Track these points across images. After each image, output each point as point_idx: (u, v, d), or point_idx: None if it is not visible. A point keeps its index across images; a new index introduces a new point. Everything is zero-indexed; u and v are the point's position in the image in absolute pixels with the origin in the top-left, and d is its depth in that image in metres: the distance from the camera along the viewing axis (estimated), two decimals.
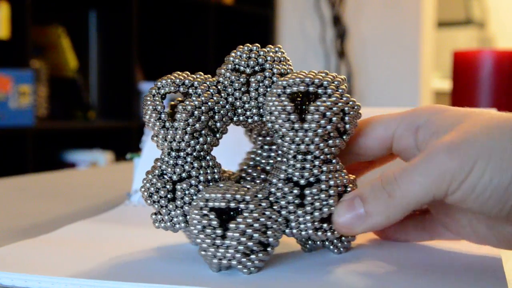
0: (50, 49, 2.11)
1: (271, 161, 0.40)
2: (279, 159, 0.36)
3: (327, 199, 0.34)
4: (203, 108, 0.35)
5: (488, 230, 0.35)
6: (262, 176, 0.39)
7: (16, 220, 0.49)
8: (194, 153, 0.36)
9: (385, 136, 0.37)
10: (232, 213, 0.34)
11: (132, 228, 0.45)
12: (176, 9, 2.47)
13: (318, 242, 0.37)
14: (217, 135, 0.37)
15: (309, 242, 0.37)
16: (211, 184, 0.36)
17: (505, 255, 0.37)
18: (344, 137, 0.35)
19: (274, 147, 0.40)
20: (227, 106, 0.36)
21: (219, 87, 0.36)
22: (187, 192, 0.35)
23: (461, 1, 3.56)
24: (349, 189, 0.35)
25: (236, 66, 0.36)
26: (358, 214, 0.33)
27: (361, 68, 2.63)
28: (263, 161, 0.40)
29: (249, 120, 0.37)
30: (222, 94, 0.36)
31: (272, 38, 2.69)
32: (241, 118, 0.37)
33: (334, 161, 0.35)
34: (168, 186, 0.36)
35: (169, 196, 0.36)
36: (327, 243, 0.37)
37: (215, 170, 0.37)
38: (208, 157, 0.37)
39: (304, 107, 0.34)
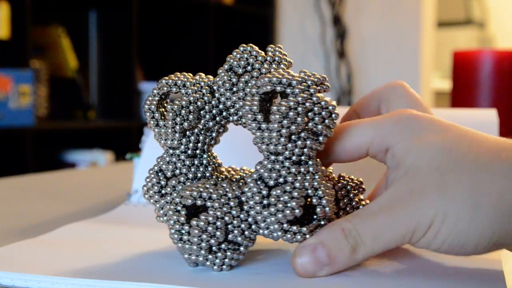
0: (50, 49, 2.11)
1: None
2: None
3: (289, 201, 0.33)
4: (191, 107, 0.36)
5: None
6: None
7: (16, 220, 0.49)
8: (189, 151, 0.37)
9: (361, 146, 0.35)
10: (201, 210, 0.34)
11: (132, 228, 0.45)
12: (176, 9, 2.47)
13: None
14: (213, 134, 0.37)
15: None
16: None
17: (505, 256, 0.37)
18: (321, 138, 0.34)
19: None
20: (220, 106, 0.37)
21: (215, 87, 0.37)
22: (175, 188, 0.37)
23: (461, 1, 3.56)
24: (320, 192, 0.33)
25: (231, 66, 0.37)
26: (321, 263, 0.33)
27: (361, 68, 2.63)
28: None
29: (243, 120, 0.37)
30: (216, 94, 0.37)
31: (272, 38, 2.68)
32: (235, 118, 0.37)
33: (310, 162, 0.34)
34: (162, 182, 0.37)
35: (162, 191, 0.37)
36: None
37: (209, 168, 0.37)
38: (205, 155, 0.37)
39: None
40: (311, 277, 0.33)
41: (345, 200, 0.37)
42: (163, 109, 0.38)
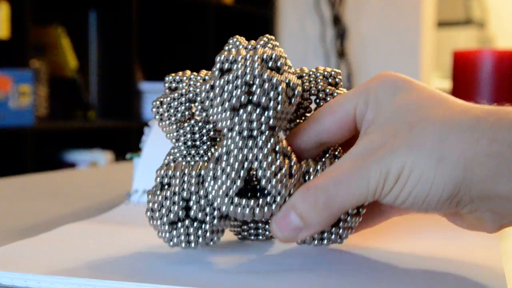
0: (50, 49, 2.11)
1: None
2: None
3: (230, 173, 0.33)
4: (182, 99, 0.38)
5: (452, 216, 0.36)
6: None
7: (16, 220, 0.49)
8: (189, 142, 0.38)
9: (349, 110, 0.36)
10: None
11: (132, 228, 0.45)
12: (176, 9, 2.47)
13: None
14: (210, 125, 0.38)
15: None
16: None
17: (505, 255, 0.37)
18: (270, 112, 0.34)
19: None
20: None
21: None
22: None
23: (461, 1, 3.56)
24: (264, 164, 0.33)
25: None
26: (296, 228, 0.33)
27: (361, 68, 2.64)
28: None
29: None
30: None
31: None
32: None
33: (262, 136, 0.34)
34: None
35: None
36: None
37: (205, 158, 0.38)
38: (204, 146, 0.38)
39: None
40: (291, 241, 0.34)
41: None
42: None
